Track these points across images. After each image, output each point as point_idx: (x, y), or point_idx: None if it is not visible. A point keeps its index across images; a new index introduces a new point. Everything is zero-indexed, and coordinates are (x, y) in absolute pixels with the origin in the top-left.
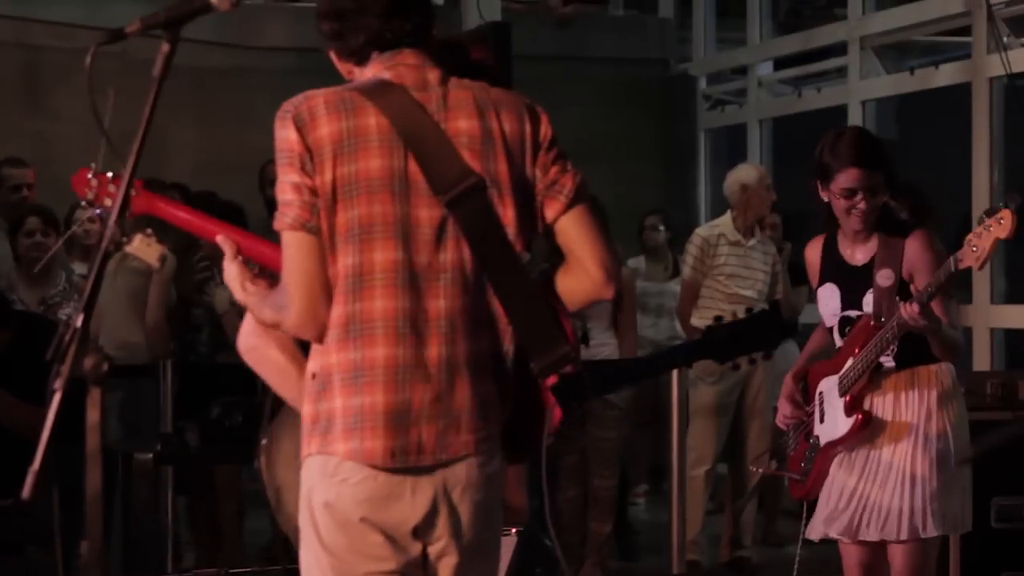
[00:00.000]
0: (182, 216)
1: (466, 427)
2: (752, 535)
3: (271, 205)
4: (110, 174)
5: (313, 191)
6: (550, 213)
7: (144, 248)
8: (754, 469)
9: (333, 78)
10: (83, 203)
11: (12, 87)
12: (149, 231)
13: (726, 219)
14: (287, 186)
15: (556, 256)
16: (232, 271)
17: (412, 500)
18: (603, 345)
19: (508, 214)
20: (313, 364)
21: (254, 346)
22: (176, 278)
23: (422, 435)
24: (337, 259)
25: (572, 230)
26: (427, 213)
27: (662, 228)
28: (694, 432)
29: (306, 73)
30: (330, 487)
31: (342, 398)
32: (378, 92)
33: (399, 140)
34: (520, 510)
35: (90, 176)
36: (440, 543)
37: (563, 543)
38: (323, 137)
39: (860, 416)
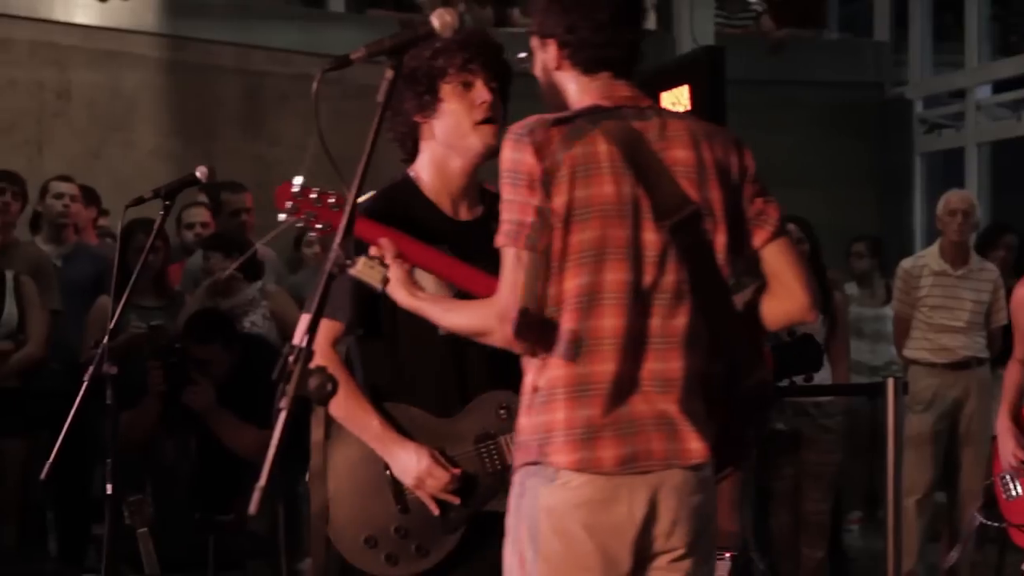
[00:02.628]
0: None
1: (691, 435)
2: (968, 567)
3: None
4: (313, 190)
5: (553, 214)
6: (757, 240)
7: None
8: (976, 512)
9: (535, 101)
10: (283, 215)
11: (233, 112)
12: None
13: (934, 248)
14: (528, 207)
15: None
16: (399, 274)
17: (630, 503)
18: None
19: (720, 240)
20: (536, 378)
21: None
22: None
23: (651, 442)
24: (566, 278)
25: (779, 257)
26: (652, 237)
27: (867, 255)
28: (905, 461)
29: (515, 98)
30: (553, 491)
31: (566, 411)
32: (602, 120)
33: (627, 167)
34: (732, 534)
35: (294, 190)
36: (658, 543)
37: (776, 568)
38: (560, 162)
39: None
